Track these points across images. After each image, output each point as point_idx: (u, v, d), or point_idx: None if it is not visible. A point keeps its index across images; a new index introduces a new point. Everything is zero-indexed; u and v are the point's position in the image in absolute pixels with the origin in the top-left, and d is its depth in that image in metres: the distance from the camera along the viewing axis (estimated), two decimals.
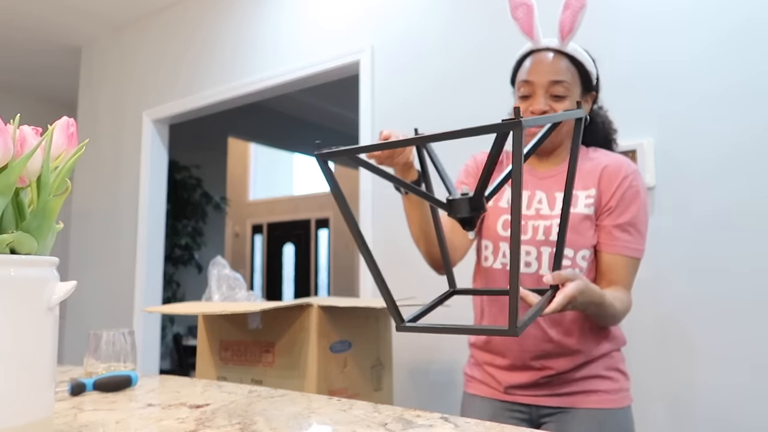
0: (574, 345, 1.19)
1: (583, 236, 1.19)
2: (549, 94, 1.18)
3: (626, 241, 1.19)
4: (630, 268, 1.20)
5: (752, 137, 1.63)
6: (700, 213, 1.68)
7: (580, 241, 1.19)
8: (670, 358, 1.69)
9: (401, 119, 2.39)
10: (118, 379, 0.98)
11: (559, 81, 1.18)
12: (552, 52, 1.20)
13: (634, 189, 1.19)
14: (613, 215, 1.19)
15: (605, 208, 1.20)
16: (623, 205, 1.19)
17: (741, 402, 1.58)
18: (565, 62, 1.20)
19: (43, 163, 0.62)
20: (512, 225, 0.66)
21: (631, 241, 1.19)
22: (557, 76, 1.18)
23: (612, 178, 1.20)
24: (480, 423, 0.75)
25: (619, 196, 1.19)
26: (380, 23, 2.52)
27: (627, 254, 1.19)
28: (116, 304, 3.45)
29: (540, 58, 1.21)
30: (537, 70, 1.20)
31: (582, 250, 1.19)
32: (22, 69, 4.42)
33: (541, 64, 1.20)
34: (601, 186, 1.20)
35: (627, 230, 1.19)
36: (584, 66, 1.23)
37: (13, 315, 0.57)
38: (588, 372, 1.20)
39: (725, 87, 1.68)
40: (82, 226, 3.79)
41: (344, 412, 0.81)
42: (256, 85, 2.95)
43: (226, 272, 1.61)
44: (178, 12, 3.42)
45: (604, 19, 1.89)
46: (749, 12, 1.66)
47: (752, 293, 1.59)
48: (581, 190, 1.21)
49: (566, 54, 1.21)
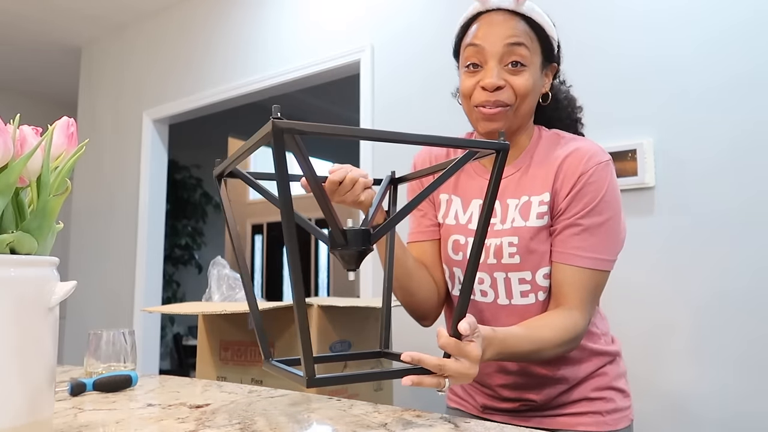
0: (552, 373, 1.02)
1: (538, 253, 0.98)
2: (504, 64, 0.95)
3: (578, 248, 0.95)
4: (586, 283, 0.94)
5: (753, 136, 1.63)
6: (700, 213, 1.68)
7: (535, 260, 0.98)
8: (670, 359, 1.69)
9: (401, 118, 2.39)
10: (118, 379, 0.98)
11: (516, 44, 0.95)
12: (505, 12, 0.97)
13: (594, 184, 0.95)
14: (564, 215, 0.97)
15: (557, 210, 0.98)
16: (578, 202, 0.96)
17: (741, 402, 1.58)
18: (522, 24, 0.97)
19: (43, 163, 0.62)
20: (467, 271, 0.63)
21: (584, 248, 0.94)
22: (515, 38, 0.95)
23: (568, 175, 0.97)
24: (480, 423, 0.75)
25: (574, 193, 0.96)
26: (380, 23, 2.52)
27: (579, 264, 0.94)
28: (116, 304, 3.45)
29: (490, 20, 0.97)
30: (487, 33, 0.96)
31: (542, 268, 0.98)
32: (23, 69, 4.43)
33: (492, 25, 0.97)
34: (556, 185, 0.98)
35: (579, 234, 0.95)
36: (545, 30, 0.99)
37: (13, 315, 0.57)
38: (575, 396, 1.03)
39: (725, 86, 1.68)
40: (82, 226, 3.79)
41: (344, 412, 0.81)
42: (256, 85, 2.95)
43: (226, 272, 1.61)
44: (178, 12, 3.42)
45: (604, 17, 1.89)
46: (751, 7, 1.66)
47: (752, 293, 1.59)
48: (534, 196, 0.99)
49: (523, 16, 0.97)
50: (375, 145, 2.44)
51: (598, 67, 1.88)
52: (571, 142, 1.01)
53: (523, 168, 1.03)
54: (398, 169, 1.01)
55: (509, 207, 1.01)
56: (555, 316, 0.93)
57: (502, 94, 0.96)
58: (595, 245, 0.95)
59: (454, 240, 1.05)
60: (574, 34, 1.90)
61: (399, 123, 2.39)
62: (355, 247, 0.68)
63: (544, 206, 0.97)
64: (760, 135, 1.62)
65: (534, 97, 0.99)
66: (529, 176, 1.01)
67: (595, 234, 0.95)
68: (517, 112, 0.98)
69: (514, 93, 0.96)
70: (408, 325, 1.15)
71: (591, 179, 0.95)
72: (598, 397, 1.02)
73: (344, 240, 0.68)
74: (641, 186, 1.76)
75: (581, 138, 1.04)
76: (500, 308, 1.01)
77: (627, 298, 1.72)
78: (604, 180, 0.96)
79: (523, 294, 1.00)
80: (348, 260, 0.69)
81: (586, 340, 1.03)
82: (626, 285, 1.71)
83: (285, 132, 0.60)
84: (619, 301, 1.03)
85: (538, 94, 1.01)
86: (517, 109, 0.97)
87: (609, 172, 0.97)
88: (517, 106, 0.97)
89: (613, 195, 0.97)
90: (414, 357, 0.74)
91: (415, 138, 0.68)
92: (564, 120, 1.11)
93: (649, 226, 1.75)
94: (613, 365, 1.06)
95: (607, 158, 0.98)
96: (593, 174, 0.95)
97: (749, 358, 1.58)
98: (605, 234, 0.95)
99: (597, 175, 0.96)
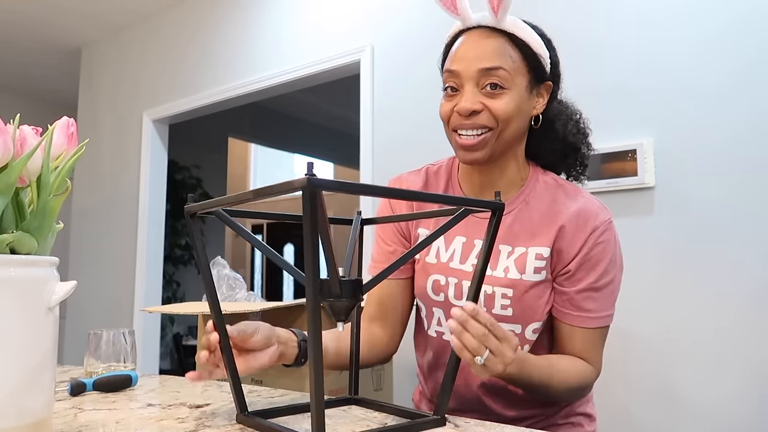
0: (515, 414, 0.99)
1: (532, 308, 0.94)
2: (481, 87, 0.90)
3: (590, 311, 0.94)
4: (599, 339, 0.96)
5: (753, 136, 1.63)
6: (700, 213, 1.68)
7: (528, 314, 0.95)
8: (669, 359, 1.69)
9: (401, 118, 2.39)
10: (118, 379, 0.98)
11: (491, 68, 0.89)
12: (485, 30, 0.92)
13: (601, 245, 0.93)
14: (573, 280, 0.94)
15: (563, 271, 0.95)
16: (588, 266, 0.93)
17: (743, 405, 1.58)
18: (501, 43, 0.91)
19: (43, 163, 0.62)
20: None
21: (596, 310, 0.94)
22: (488, 62, 0.89)
23: (574, 235, 0.93)
24: (480, 423, 0.75)
25: (582, 256, 0.93)
26: (380, 23, 2.52)
27: (594, 326, 0.94)
28: (116, 304, 3.45)
29: (467, 40, 0.92)
30: (463, 56, 0.91)
31: (532, 323, 0.96)
32: (23, 69, 4.43)
33: (468, 47, 0.92)
34: (560, 243, 0.94)
35: (591, 296, 0.94)
36: (530, 47, 0.92)
37: (13, 315, 0.57)
38: (543, 424, 1.01)
39: (726, 86, 1.68)
40: (82, 226, 3.79)
41: (344, 412, 0.81)
42: (256, 85, 2.95)
43: (226, 272, 1.61)
44: (178, 12, 3.42)
45: (604, 16, 1.89)
46: (748, 4, 1.66)
47: (753, 293, 1.59)
48: (532, 247, 0.94)
49: (505, 32, 0.91)
50: (375, 145, 2.44)
51: (599, 67, 1.87)
52: (574, 196, 0.97)
53: (516, 212, 0.97)
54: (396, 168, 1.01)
55: (501, 254, 0.96)
56: (575, 360, 0.94)
57: (479, 118, 0.91)
58: (605, 304, 0.96)
59: (434, 280, 1.00)
60: (574, 34, 1.90)
61: (399, 123, 2.39)
62: (349, 299, 0.65)
63: (542, 261, 0.94)
64: (760, 135, 1.62)
65: (519, 120, 0.93)
66: (525, 224, 0.96)
67: (604, 294, 0.95)
68: (500, 137, 0.92)
69: (494, 117, 0.90)
70: (408, 326, 1.15)
71: (601, 238, 0.94)
72: (565, 422, 1.03)
73: (339, 290, 0.64)
74: (641, 186, 1.76)
75: (583, 192, 0.99)
76: None
77: (626, 298, 1.72)
78: (611, 242, 0.95)
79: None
80: (338, 312, 0.66)
81: None
82: (626, 285, 1.70)
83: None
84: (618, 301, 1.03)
85: (525, 117, 0.95)
86: (500, 134, 0.91)
87: (614, 231, 0.97)
88: (500, 130, 0.91)
89: (619, 254, 0.98)
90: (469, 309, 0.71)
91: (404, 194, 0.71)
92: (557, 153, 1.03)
93: (649, 226, 1.75)
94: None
95: (610, 216, 0.97)
96: (603, 231, 0.94)
97: (749, 359, 1.58)
98: (612, 291, 0.96)
99: (607, 234, 0.94)
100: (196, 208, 0.72)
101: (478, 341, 0.71)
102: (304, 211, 0.57)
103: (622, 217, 1.75)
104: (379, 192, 0.69)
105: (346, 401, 0.86)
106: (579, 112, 1.06)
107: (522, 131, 0.96)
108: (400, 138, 2.37)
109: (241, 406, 0.75)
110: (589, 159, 1.06)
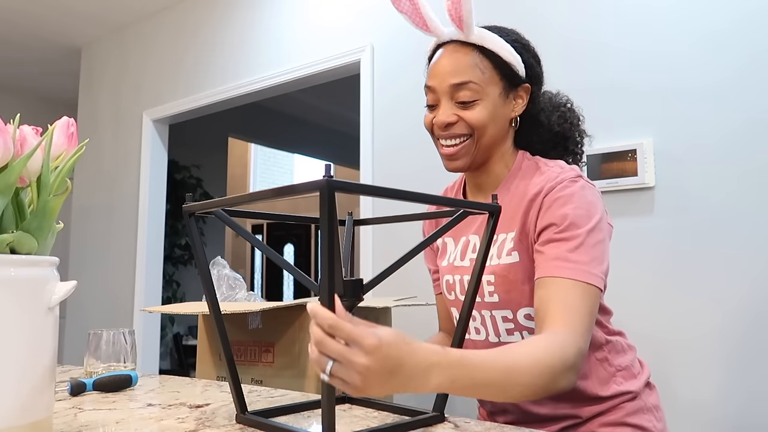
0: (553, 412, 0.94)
1: (517, 291, 0.93)
2: (455, 100, 0.96)
3: (558, 259, 0.85)
4: (571, 297, 0.81)
5: (753, 135, 1.63)
6: (700, 213, 1.68)
7: (515, 299, 0.93)
8: (670, 359, 1.69)
9: (401, 118, 2.39)
10: (118, 379, 0.98)
11: (461, 83, 0.94)
12: (456, 45, 0.98)
13: (561, 198, 0.89)
14: (541, 238, 0.90)
15: (532, 240, 0.92)
16: (550, 218, 0.88)
17: (741, 403, 1.58)
18: (470, 56, 0.95)
19: (43, 163, 0.62)
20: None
21: (566, 258, 0.84)
22: (458, 77, 0.95)
23: (534, 203, 0.92)
24: (480, 423, 0.75)
25: (543, 212, 0.90)
26: (380, 23, 2.52)
27: (561, 275, 0.83)
28: (116, 304, 3.45)
29: (442, 55, 0.99)
30: (437, 73, 0.99)
31: (522, 308, 0.93)
32: (23, 69, 4.43)
33: (440, 63, 0.99)
34: (524, 218, 0.93)
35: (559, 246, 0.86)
36: (500, 57, 0.96)
37: (13, 315, 0.57)
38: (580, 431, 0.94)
39: (726, 86, 1.68)
40: (82, 226, 3.79)
41: (344, 412, 0.81)
42: (256, 85, 2.95)
43: (226, 272, 1.61)
44: (178, 12, 3.42)
45: (604, 16, 1.89)
46: (748, 3, 1.66)
47: (753, 293, 1.59)
48: (503, 233, 0.96)
49: (474, 45, 0.96)
50: (375, 144, 2.44)
51: (599, 67, 1.87)
52: (545, 171, 0.95)
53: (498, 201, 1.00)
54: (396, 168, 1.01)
55: (494, 242, 0.97)
56: (535, 339, 0.81)
57: (456, 128, 0.97)
58: (577, 256, 0.84)
59: (446, 281, 1.06)
60: (574, 34, 1.90)
61: (399, 123, 2.39)
62: (350, 298, 0.65)
63: (511, 242, 0.94)
64: (760, 134, 1.62)
65: (496, 126, 0.97)
66: (504, 212, 0.96)
67: (576, 244, 0.85)
68: (479, 143, 0.97)
69: (469, 126, 0.96)
70: (410, 326, 1.15)
71: (557, 195, 0.89)
72: None
73: (342, 290, 0.63)
74: (641, 186, 1.76)
75: (554, 164, 0.97)
76: (492, 346, 0.93)
77: (626, 298, 1.72)
78: (576, 194, 0.89)
79: (509, 332, 0.97)
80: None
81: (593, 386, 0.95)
82: (626, 285, 1.71)
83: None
84: (618, 301, 1.02)
85: (502, 122, 0.98)
86: (479, 140, 0.96)
87: (579, 186, 0.90)
88: (478, 137, 0.96)
89: (586, 207, 0.88)
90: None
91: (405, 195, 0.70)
92: (547, 144, 1.04)
93: (649, 226, 1.75)
94: (638, 399, 0.98)
95: (574, 174, 0.92)
96: (560, 190, 0.89)
97: (749, 359, 1.58)
98: (588, 246, 0.85)
99: (566, 191, 0.89)
100: (195, 208, 0.72)
101: (317, 350, 0.58)
102: (321, 213, 0.58)
103: (622, 217, 1.75)
104: (394, 194, 0.70)
105: (346, 400, 0.86)
106: (566, 102, 1.07)
107: (501, 135, 1.00)
108: (400, 138, 2.37)
109: (241, 406, 0.75)
110: (583, 143, 1.08)
